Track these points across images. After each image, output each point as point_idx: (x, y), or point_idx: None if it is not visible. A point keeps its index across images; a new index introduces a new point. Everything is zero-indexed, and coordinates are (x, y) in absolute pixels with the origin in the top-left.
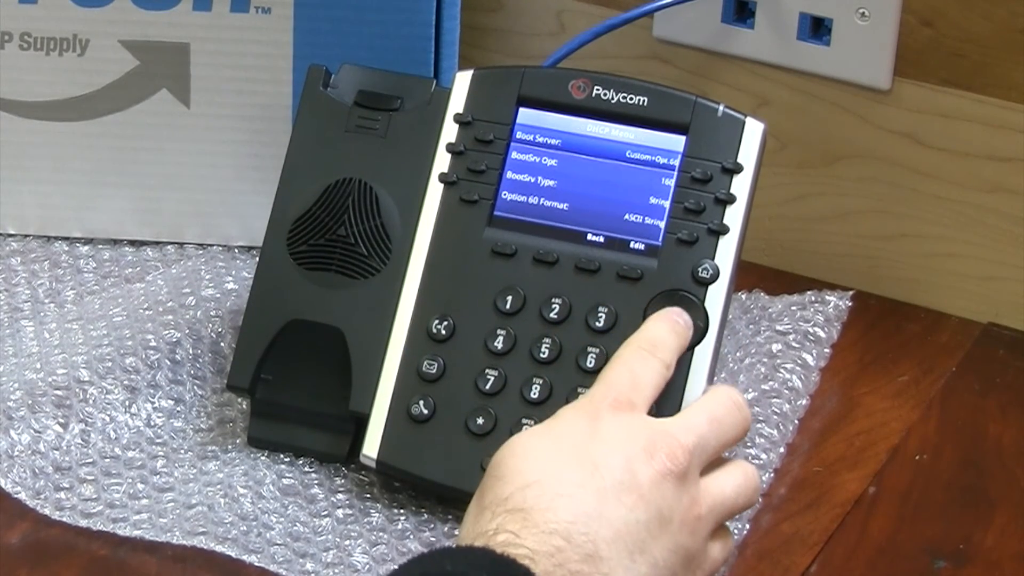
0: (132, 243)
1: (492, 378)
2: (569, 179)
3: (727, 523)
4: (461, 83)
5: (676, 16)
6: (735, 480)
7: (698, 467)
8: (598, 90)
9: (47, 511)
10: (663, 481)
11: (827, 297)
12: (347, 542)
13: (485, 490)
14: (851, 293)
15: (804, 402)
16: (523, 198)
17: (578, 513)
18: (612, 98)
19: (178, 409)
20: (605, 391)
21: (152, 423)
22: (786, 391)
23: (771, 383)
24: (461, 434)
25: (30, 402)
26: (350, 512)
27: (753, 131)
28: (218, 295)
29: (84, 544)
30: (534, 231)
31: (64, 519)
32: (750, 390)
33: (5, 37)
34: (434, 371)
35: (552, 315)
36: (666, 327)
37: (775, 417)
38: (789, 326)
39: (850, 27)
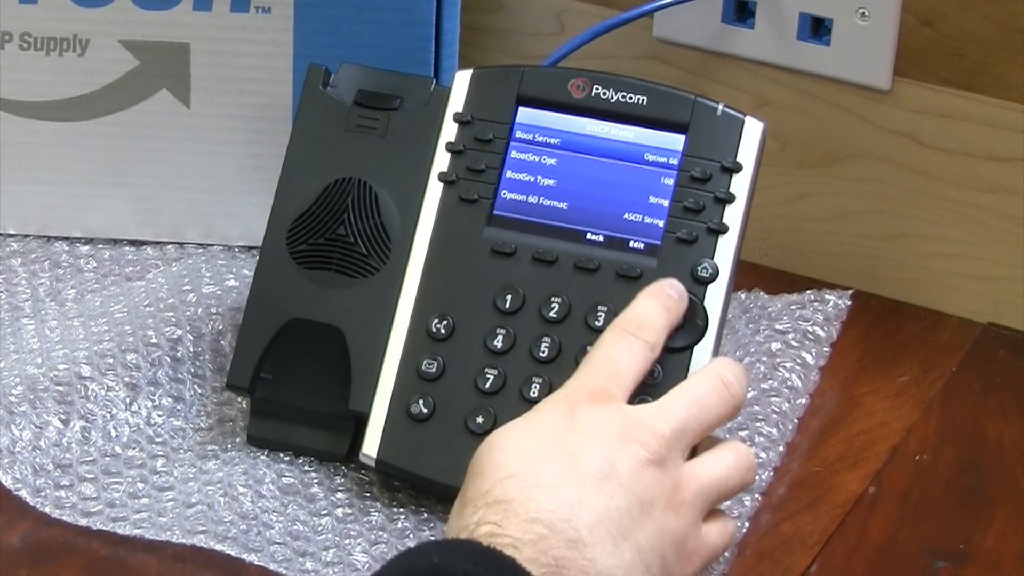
0: (132, 242)
1: (492, 377)
2: (568, 178)
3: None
4: (461, 82)
5: (676, 16)
6: (724, 461)
7: (679, 452)
8: (597, 89)
9: (47, 509)
10: (642, 469)
11: (827, 296)
12: (347, 541)
13: (467, 487)
14: (851, 292)
15: (804, 401)
16: (522, 197)
17: (559, 502)
18: (611, 97)
19: (178, 408)
20: (583, 383)
21: (152, 421)
22: (785, 390)
23: (770, 382)
24: (461, 433)
25: (31, 397)
26: (350, 511)
27: (752, 130)
28: (219, 292)
29: (84, 544)
30: (533, 230)
31: (64, 518)
32: (749, 389)
33: (5, 37)
34: (433, 370)
35: (552, 314)
36: (655, 304)
37: (774, 416)
38: (788, 325)
39: (850, 27)
